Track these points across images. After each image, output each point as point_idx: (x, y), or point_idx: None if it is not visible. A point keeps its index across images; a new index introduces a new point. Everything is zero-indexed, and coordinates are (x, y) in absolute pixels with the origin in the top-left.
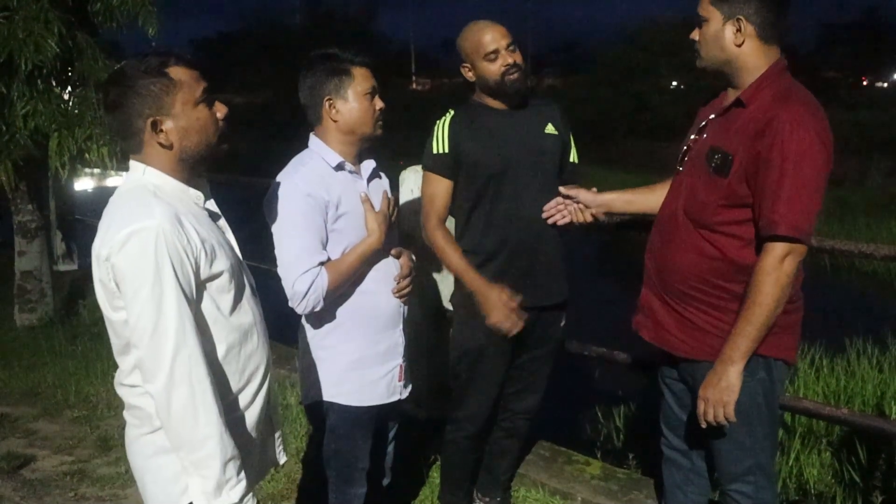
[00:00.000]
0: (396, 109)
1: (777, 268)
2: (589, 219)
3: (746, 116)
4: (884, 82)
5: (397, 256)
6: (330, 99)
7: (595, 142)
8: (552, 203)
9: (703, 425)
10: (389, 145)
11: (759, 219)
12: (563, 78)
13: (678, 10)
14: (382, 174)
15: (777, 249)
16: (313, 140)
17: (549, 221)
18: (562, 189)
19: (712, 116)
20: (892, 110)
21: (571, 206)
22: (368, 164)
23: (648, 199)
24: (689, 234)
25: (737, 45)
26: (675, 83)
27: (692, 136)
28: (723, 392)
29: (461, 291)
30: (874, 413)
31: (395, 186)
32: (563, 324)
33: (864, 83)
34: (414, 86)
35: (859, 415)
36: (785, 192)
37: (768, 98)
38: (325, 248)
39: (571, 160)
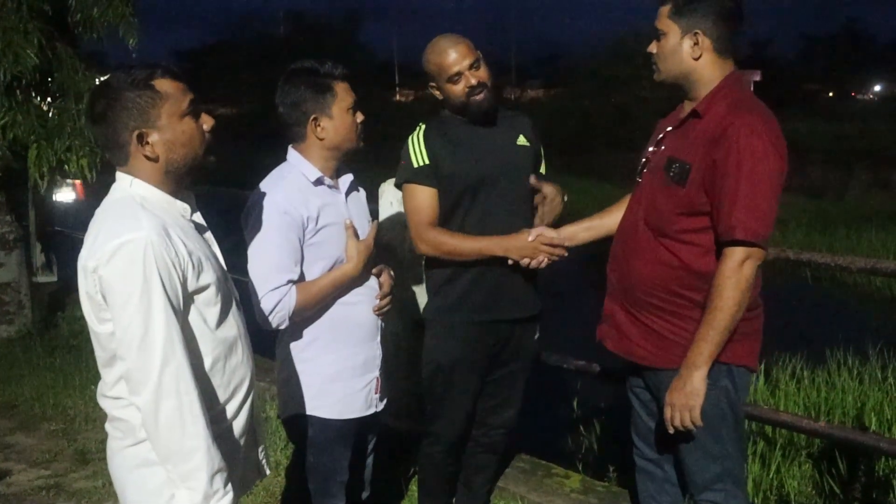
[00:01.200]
0: (384, 121)
1: (737, 272)
2: (564, 253)
3: (702, 126)
4: (870, 95)
5: (378, 275)
6: (315, 118)
7: (577, 153)
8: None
9: (671, 431)
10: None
11: (717, 225)
12: (546, 89)
13: None
14: (360, 188)
15: (736, 254)
16: (292, 154)
17: (524, 264)
18: (529, 236)
19: (670, 128)
20: (872, 122)
21: (542, 255)
22: (346, 178)
23: (606, 222)
24: (649, 243)
25: (694, 59)
26: (656, 95)
27: (650, 149)
28: (688, 397)
29: (435, 305)
30: (854, 425)
31: (371, 199)
32: (537, 336)
33: (852, 96)
34: (398, 97)
35: (836, 427)
36: (741, 198)
37: (723, 108)
38: (298, 266)
39: (541, 172)
